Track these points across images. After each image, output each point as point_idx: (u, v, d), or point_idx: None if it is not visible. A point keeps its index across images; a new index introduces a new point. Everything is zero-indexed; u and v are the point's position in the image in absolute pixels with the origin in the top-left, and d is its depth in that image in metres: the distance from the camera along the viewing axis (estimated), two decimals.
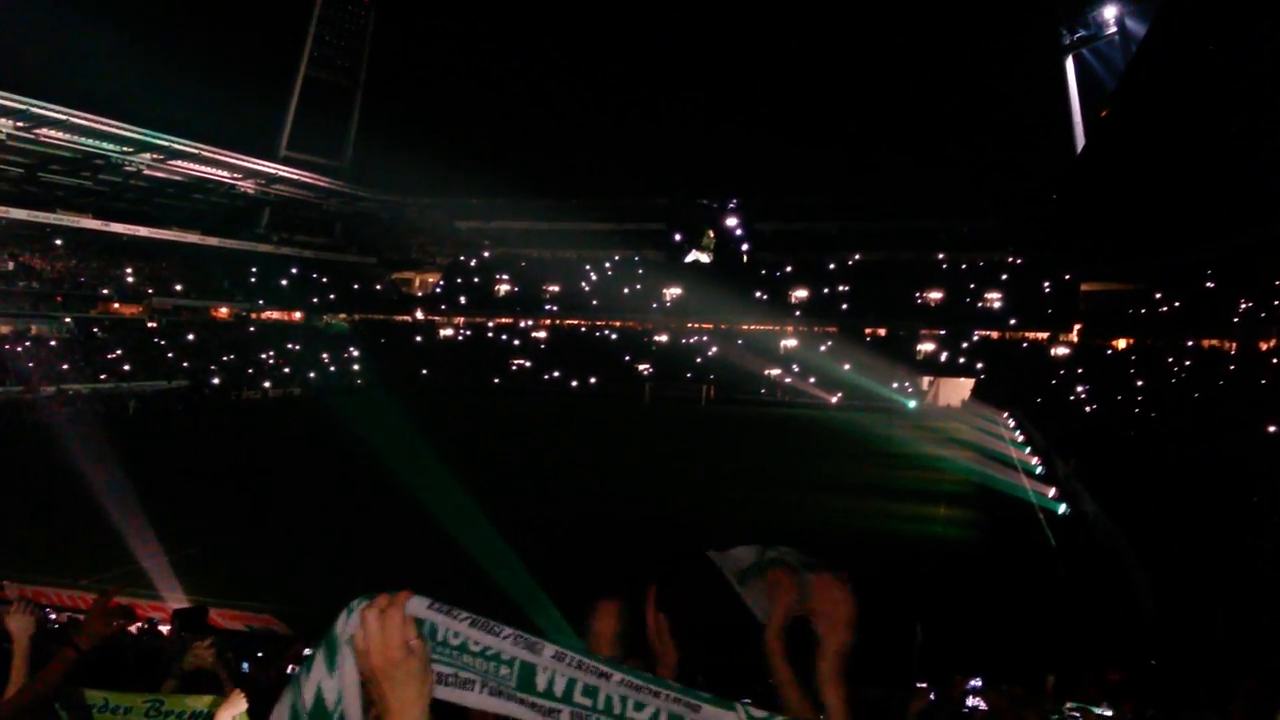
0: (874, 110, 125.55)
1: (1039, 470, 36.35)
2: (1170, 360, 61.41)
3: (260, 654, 10.14)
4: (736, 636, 2.56)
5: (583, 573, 19.03)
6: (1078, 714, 8.60)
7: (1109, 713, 9.34)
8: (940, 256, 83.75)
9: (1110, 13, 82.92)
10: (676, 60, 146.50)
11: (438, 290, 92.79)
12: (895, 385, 64.99)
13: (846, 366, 66.86)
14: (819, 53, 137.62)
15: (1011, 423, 52.24)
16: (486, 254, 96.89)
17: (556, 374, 71.16)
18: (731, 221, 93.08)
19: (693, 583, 2.55)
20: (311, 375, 68.46)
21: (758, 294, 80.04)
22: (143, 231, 71.47)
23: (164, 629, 12.41)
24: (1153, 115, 60.43)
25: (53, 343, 58.59)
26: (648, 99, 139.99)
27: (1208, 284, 66.13)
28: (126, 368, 58.83)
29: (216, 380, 62.08)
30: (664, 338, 79.20)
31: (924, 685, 10.25)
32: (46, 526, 21.61)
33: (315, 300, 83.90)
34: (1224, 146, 54.33)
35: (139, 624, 13.17)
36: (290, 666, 8.38)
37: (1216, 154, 55.55)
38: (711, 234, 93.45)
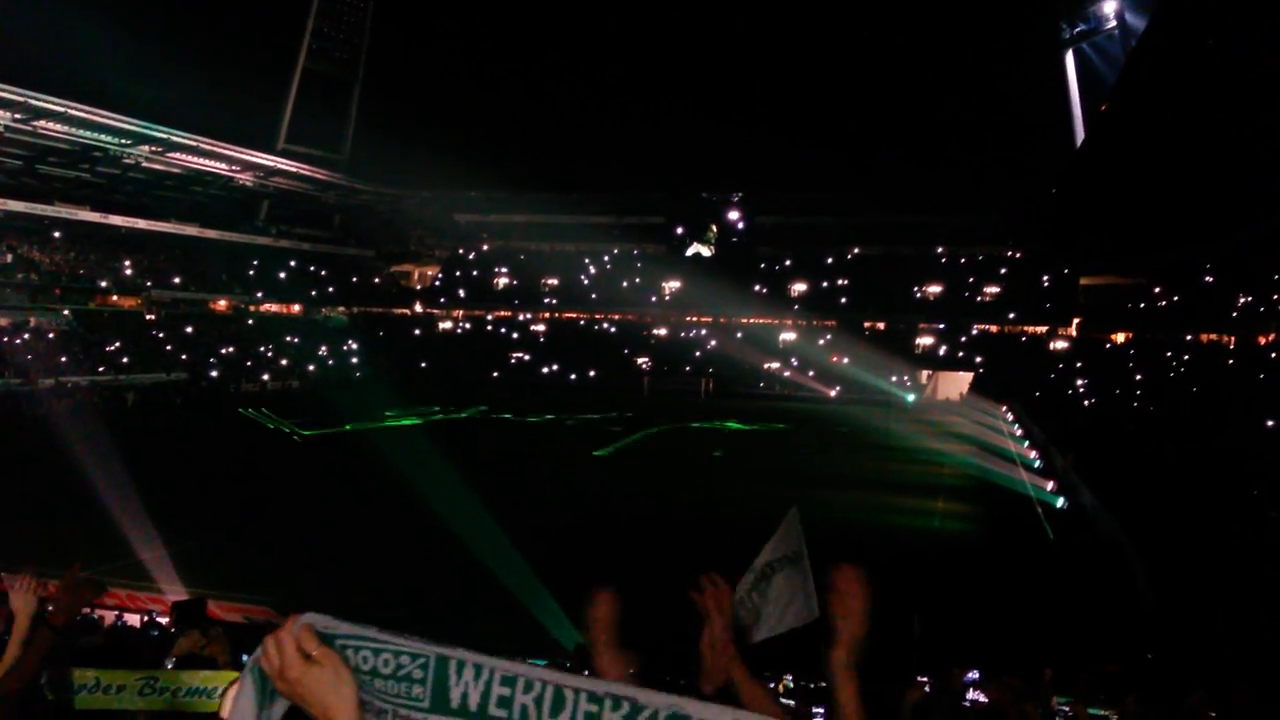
0: (874, 105, 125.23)
1: (1037, 464, 36.40)
2: (1169, 355, 61.51)
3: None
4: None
5: (580, 567, 19.08)
6: (1066, 708, 8.62)
7: (1103, 712, 9.36)
8: (939, 250, 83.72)
9: (1110, 7, 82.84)
10: (677, 54, 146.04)
11: (436, 283, 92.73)
12: (894, 379, 65.03)
13: (845, 360, 66.87)
14: (819, 48, 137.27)
15: (1010, 416, 52.30)
16: (485, 247, 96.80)
17: (555, 367, 71.17)
18: (733, 215, 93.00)
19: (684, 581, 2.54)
20: (310, 368, 68.45)
21: (757, 287, 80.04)
22: (141, 224, 71.38)
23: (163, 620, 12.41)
24: (1152, 110, 60.42)
25: (51, 335, 58.57)
26: (648, 93, 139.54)
27: (1207, 279, 66.20)
28: (125, 360, 58.83)
29: (215, 373, 62.11)
30: (663, 331, 79.23)
31: (922, 679, 10.25)
32: (44, 519, 21.59)
33: (314, 293, 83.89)
34: (1223, 142, 54.32)
35: (143, 615, 13.20)
36: None
37: (1216, 149, 55.54)
38: (714, 228, 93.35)
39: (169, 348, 63.53)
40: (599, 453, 37.74)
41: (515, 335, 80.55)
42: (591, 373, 69.81)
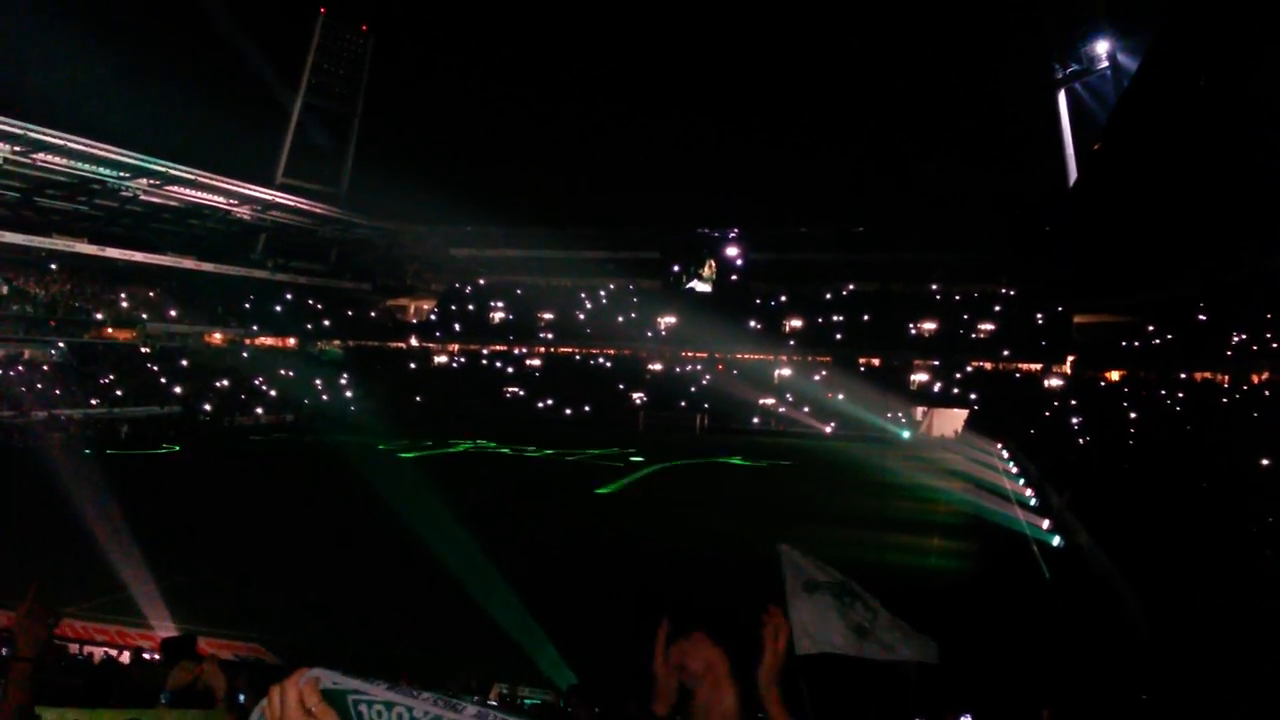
0: (868, 143, 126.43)
1: (1033, 502, 36.32)
2: (1163, 393, 61.57)
3: (249, 684, 10.03)
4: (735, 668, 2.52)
5: (576, 607, 18.97)
6: None
7: None
8: (934, 287, 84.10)
9: (1102, 47, 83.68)
10: (673, 91, 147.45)
11: (432, 317, 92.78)
12: (889, 415, 65.04)
13: (840, 396, 66.89)
14: (816, 86, 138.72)
15: (1005, 454, 52.24)
16: (481, 281, 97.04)
17: (550, 402, 71.09)
18: (729, 251, 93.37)
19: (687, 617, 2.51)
20: (305, 402, 68.30)
21: (752, 323, 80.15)
22: (138, 257, 71.45)
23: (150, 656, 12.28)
24: (1145, 149, 60.84)
25: (45, 367, 58.43)
26: (644, 129, 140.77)
27: (1200, 317, 66.43)
28: (119, 393, 58.66)
29: (209, 406, 61.93)
30: (658, 366, 79.25)
31: None
32: (34, 553, 21.42)
33: (309, 326, 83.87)
34: (1216, 180, 54.71)
35: (132, 651, 13.06)
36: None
37: (1209, 188, 55.92)
38: (712, 264, 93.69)
39: (163, 380, 63.36)
40: (602, 490, 37.61)
41: (510, 370, 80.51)
42: (586, 407, 69.74)
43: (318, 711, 1.43)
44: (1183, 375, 64.53)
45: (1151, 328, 69.65)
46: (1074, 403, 62.73)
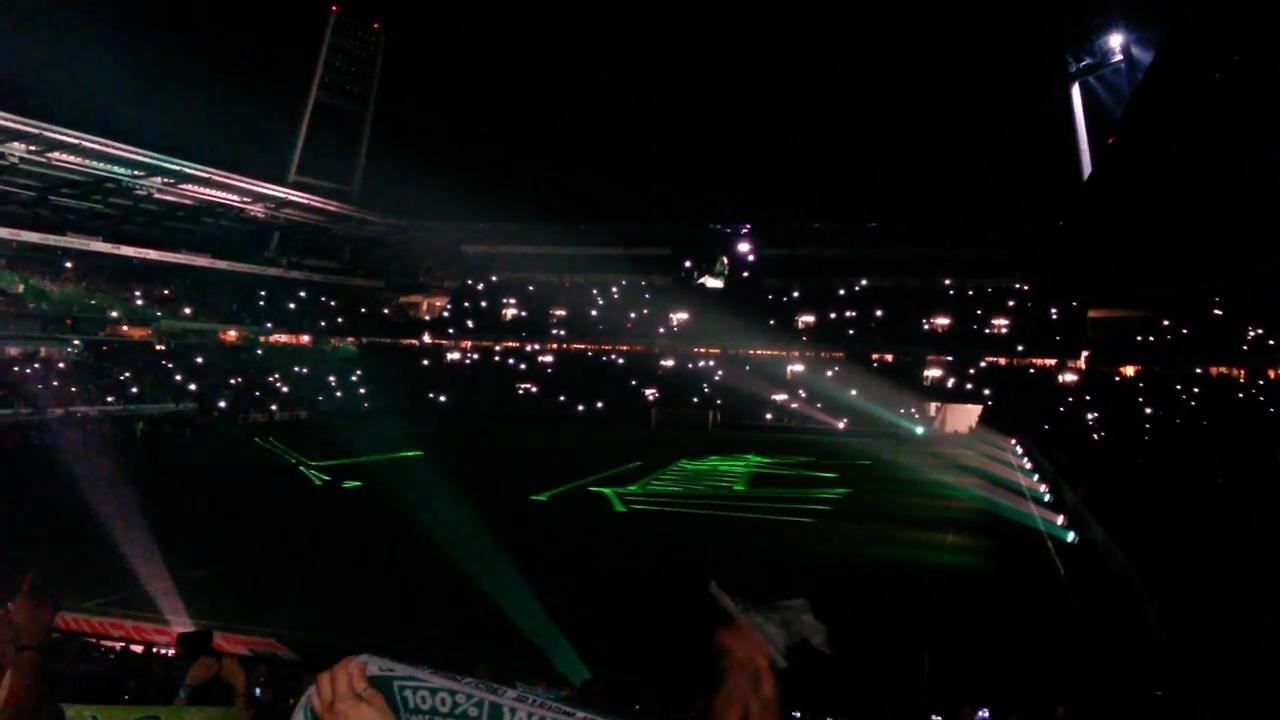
0: (882, 138, 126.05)
1: (1047, 498, 36.17)
2: (1178, 388, 61.27)
3: (265, 679, 10.09)
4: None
5: (592, 606, 19.01)
6: None
7: None
8: (947, 282, 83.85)
9: (1116, 41, 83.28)
10: (686, 88, 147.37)
11: (445, 314, 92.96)
12: (902, 411, 64.88)
13: (854, 392, 66.73)
14: (828, 82, 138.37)
15: (1019, 449, 52.05)
16: (494, 278, 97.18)
17: (563, 398, 71.18)
18: (741, 247, 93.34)
19: (695, 612, 2.48)
20: (319, 398, 68.57)
21: (765, 319, 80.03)
22: (152, 254, 71.88)
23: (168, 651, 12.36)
24: (1159, 143, 60.56)
25: (61, 365, 58.80)
26: (656, 125, 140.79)
27: (1215, 311, 66.07)
28: (134, 390, 59.00)
29: (224, 403, 62.22)
30: (670, 362, 79.22)
31: (937, 718, 10.16)
32: (51, 549, 21.57)
33: (323, 323, 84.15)
34: (1231, 175, 54.39)
35: (148, 647, 13.14)
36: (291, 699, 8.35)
37: (1223, 182, 55.61)
38: (725, 260, 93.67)
39: (178, 378, 63.69)
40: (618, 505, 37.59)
41: (523, 366, 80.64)
42: (599, 404, 69.80)
43: (367, 696, 1.47)
44: (1198, 370, 64.22)
45: (1166, 322, 69.31)
46: (1088, 398, 62.48)
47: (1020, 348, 73.21)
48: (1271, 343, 59.42)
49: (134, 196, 68.21)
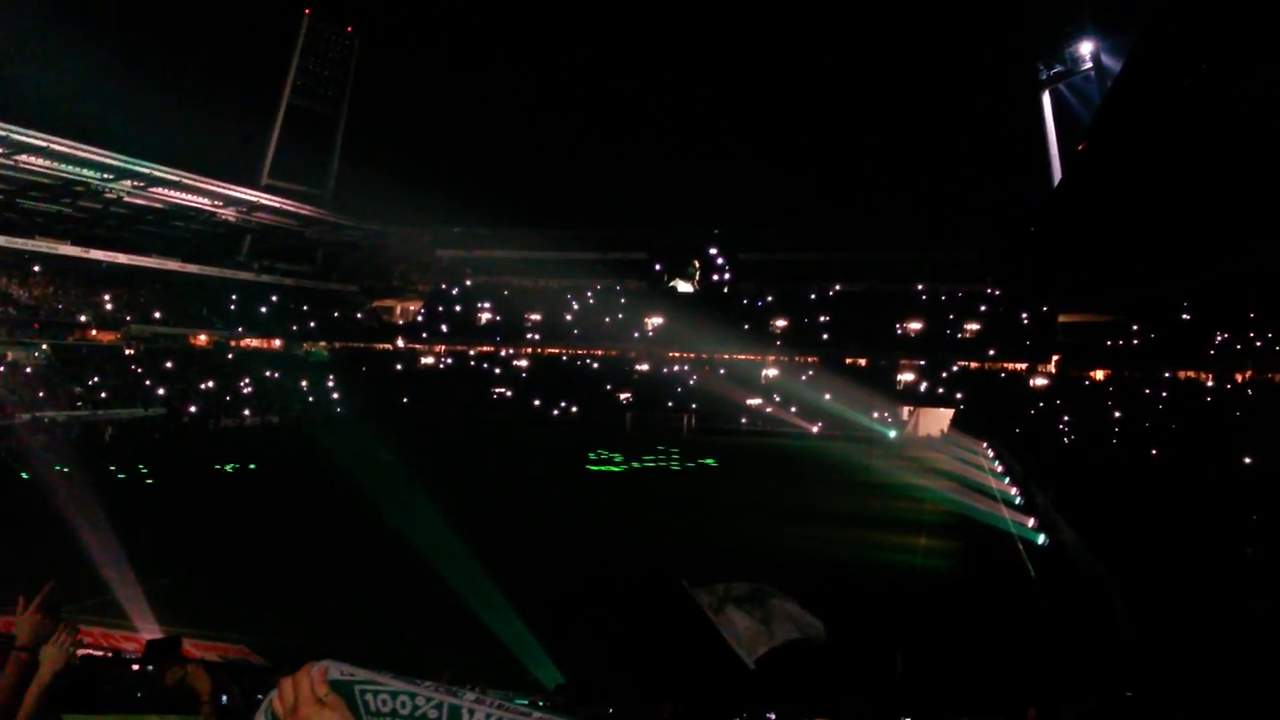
0: (854, 143, 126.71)
1: (1018, 500, 36.47)
2: (1147, 391, 61.95)
3: (235, 685, 10.00)
4: (712, 665, 2.52)
5: (565, 608, 18.98)
6: None
7: None
8: (920, 287, 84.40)
9: (1086, 48, 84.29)
10: (659, 92, 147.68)
11: (419, 318, 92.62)
12: (875, 415, 65.21)
13: (827, 396, 67.02)
14: (801, 86, 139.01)
15: (991, 453, 52.46)
16: (468, 282, 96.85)
17: (537, 402, 71.01)
18: (715, 251, 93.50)
19: (669, 612, 2.48)
20: (291, 404, 68.03)
21: (740, 323, 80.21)
22: (122, 258, 71.10)
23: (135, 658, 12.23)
24: (1129, 149, 61.18)
25: (29, 369, 58.03)
26: (630, 130, 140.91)
27: (1184, 316, 66.87)
28: (103, 395, 58.33)
29: (194, 408, 61.60)
30: (645, 367, 79.24)
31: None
32: (19, 555, 21.28)
33: (295, 328, 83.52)
34: (1199, 180, 55.05)
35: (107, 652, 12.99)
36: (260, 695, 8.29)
37: (1192, 188, 56.26)
38: (697, 264, 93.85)
39: (148, 383, 63.01)
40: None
41: (498, 370, 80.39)
42: (573, 408, 69.74)
43: (328, 700, 1.50)
44: (1167, 374, 64.96)
45: (1136, 327, 70.08)
46: (1059, 402, 63.03)
47: (992, 352, 73.81)
48: (1239, 347, 60.20)
49: (103, 200, 67.42)
